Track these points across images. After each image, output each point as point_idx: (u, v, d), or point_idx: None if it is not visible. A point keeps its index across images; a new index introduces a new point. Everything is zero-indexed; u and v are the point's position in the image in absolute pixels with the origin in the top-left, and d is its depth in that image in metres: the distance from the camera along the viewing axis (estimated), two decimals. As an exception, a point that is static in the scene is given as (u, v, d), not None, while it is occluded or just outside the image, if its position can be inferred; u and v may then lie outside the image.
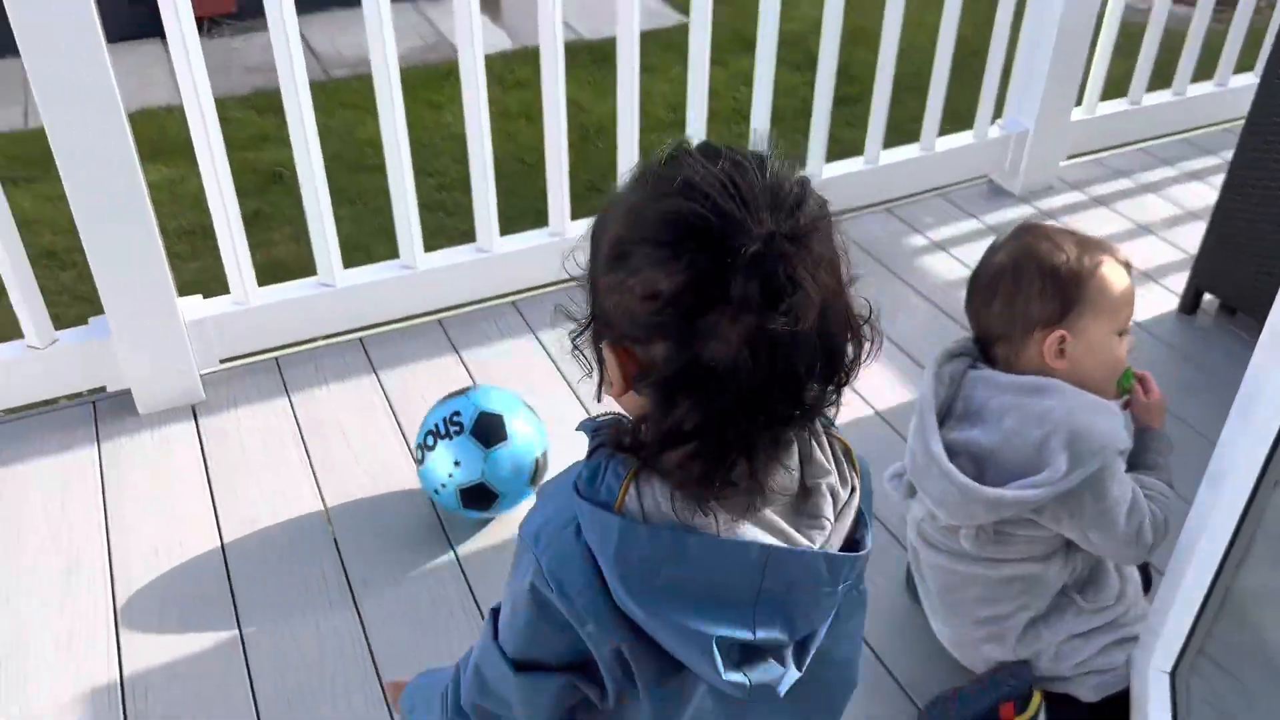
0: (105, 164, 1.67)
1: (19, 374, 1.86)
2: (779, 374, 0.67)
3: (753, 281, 0.64)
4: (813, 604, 0.75)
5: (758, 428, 0.70)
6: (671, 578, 0.71)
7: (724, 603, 0.72)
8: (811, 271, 0.66)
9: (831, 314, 0.69)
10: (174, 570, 1.64)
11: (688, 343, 0.67)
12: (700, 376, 0.67)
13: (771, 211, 0.66)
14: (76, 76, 1.58)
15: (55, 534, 1.69)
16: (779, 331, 0.65)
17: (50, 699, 1.44)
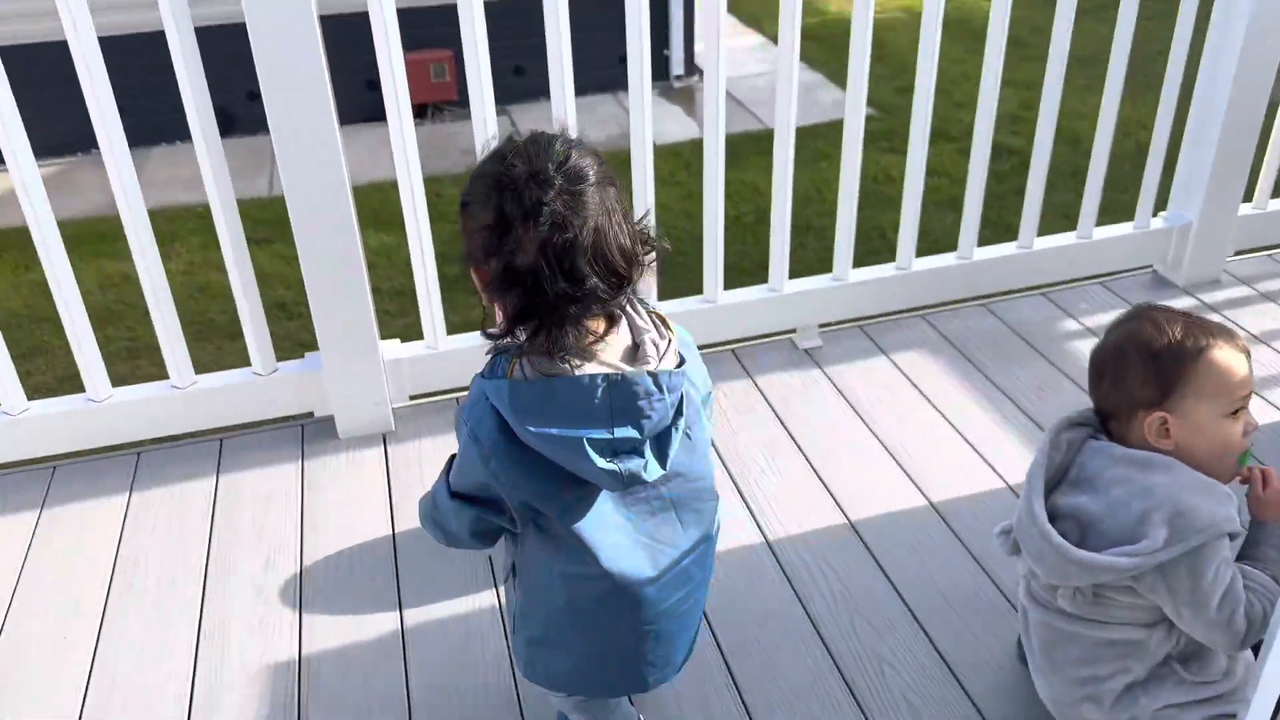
0: (331, 229, 1.99)
1: (245, 396, 2.19)
2: (566, 271, 1.06)
3: (536, 214, 1.04)
4: (650, 408, 1.12)
5: (565, 306, 1.07)
6: (549, 409, 1.10)
7: (589, 417, 1.10)
8: (579, 207, 1.06)
9: (602, 234, 1.08)
10: (353, 571, 1.89)
11: (505, 255, 1.07)
12: (517, 276, 1.07)
13: (557, 169, 1.06)
14: (313, 154, 1.91)
15: (260, 532, 1.99)
16: (558, 242, 1.05)
17: (241, 672, 1.70)
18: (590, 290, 1.08)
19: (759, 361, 2.45)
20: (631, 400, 1.11)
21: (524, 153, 1.08)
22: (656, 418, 1.13)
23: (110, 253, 5.06)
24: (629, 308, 1.18)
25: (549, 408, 1.10)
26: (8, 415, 2.09)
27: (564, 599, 1.26)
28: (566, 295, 1.07)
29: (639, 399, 1.11)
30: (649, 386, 1.12)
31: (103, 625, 1.79)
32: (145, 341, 4.13)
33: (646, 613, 1.27)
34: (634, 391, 1.11)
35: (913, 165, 2.38)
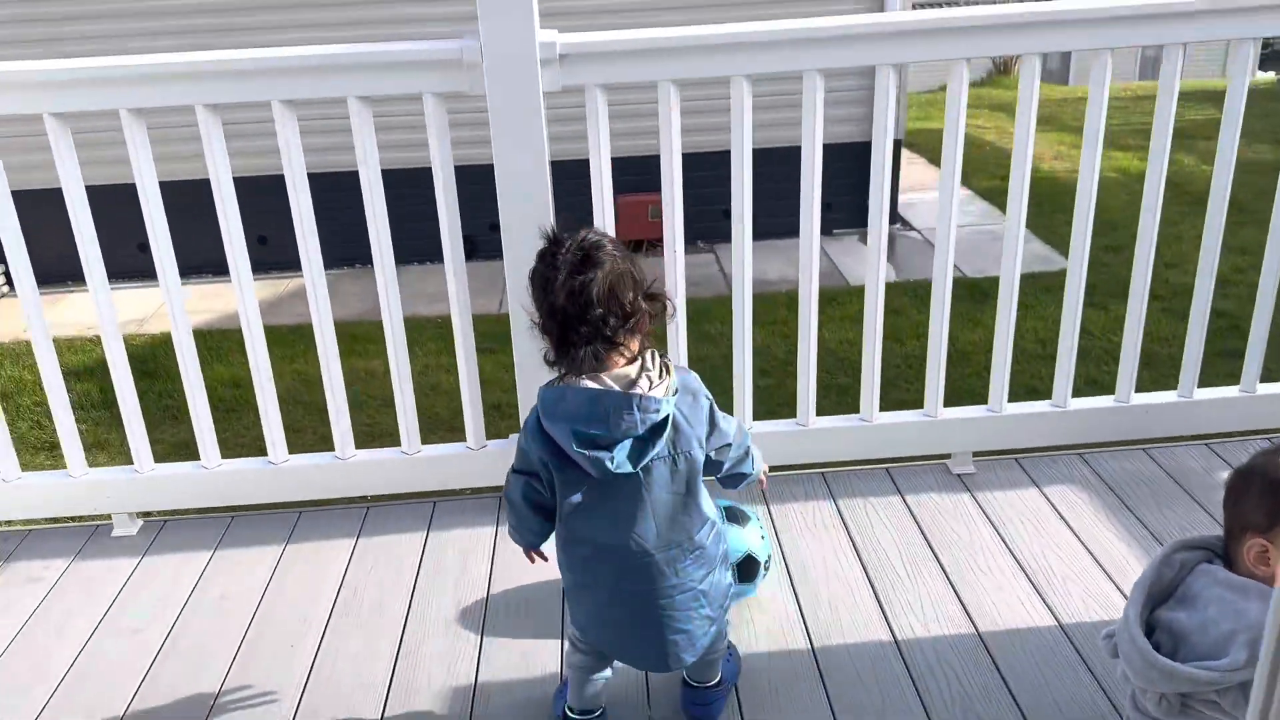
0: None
1: (457, 466, 2.60)
2: (588, 316, 1.49)
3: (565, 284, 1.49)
4: (619, 419, 1.51)
5: (582, 341, 1.50)
6: (559, 408, 1.54)
7: (582, 418, 1.52)
8: (590, 267, 1.49)
9: (613, 293, 1.50)
10: (528, 617, 2.20)
11: (544, 305, 1.52)
12: (551, 319, 1.52)
13: (576, 247, 1.51)
14: (533, 243, 2.33)
15: (456, 579, 2.35)
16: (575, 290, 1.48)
17: (427, 688, 2.03)
18: (597, 326, 1.50)
19: (911, 481, 2.64)
20: (610, 412, 1.51)
21: (558, 239, 1.55)
22: (624, 426, 1.52)
23: (361, 352, 5.81)
24: (644, 356, 1.57)
25: (559, 407, 1.54)
26: (272, 464, 2.58)
27: (565, 561, 1.72)
28: (581, 334, 1.50)
29: (611, 411, 1.51)
30: (620, 403, 1.51)
31: (323, 639, 2.18)
32: (382, 429, 4.73)
33: (619, 583, 1.67)
34: (609, 404, 1.51)
35: (1068, 311, 2.55)
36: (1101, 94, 2.34)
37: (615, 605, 1.71)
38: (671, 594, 1.67)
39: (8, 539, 2.59)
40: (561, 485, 1.61)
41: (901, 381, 5.12)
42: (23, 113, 2.18)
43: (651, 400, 1.52)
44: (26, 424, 5.18)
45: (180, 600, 2.32)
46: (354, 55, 2.17)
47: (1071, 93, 13.80)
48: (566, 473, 1.59)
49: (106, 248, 2.35)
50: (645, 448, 1.55)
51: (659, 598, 1.67)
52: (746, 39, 2.20)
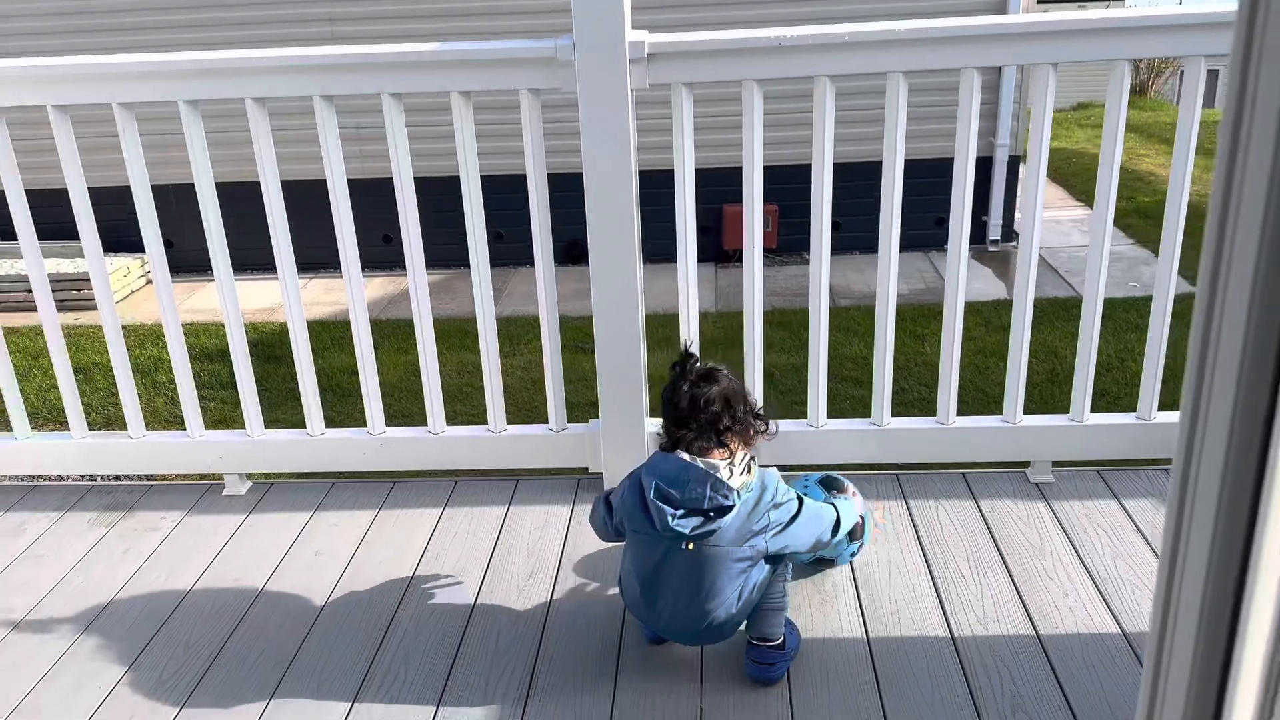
0: (623, 338, 2.51)
1: (539, 446, 2.72)
2: (699, 417, 1.89)
3: (687, 392, 1.90)
4: (697, 491, 1.84)
5: (691, 435, 1.88)
6: (658, 466, 1.89)
7: (667, 478, 1.86)
8: (707, 390, 1.90)
9: (726, 401, 1.90)
10: (594, 593, 2.30)
11: (670, 408, 1.92)
12: (674, 418, 1.91)
13: (695, 377, 1.92)
14: (618, 289, 2.45)
15: (530, 550, 2.46)
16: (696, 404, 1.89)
17: (496, 643, 2.14)
18: (703, 426, 1.90)
19: (987, 487, 2.63)
20: (688, 478, 1.85)
21: (682, 362, 1.97)
22: (694, 495, 1.84)
23: (470, 347, 6.05)
24: (738, 456, 1.91)
25: (657, 465, 1.91)
26: (370, 435, 2.75)
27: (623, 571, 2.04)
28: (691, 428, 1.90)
29: (691, 480, 1.85)
30: (699, 476, 1.85)
31: (403, 599, 2.32)
32: (484, 420, 4.93)
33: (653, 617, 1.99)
34: (691, 474, 1.85)
35: (1155, 314, 2.51)
36: (1194, 103, 2.30)
37: (652, 621, 2.01)
38: (701, 637, 2.01)
39: (132, 491, 2.84)
40: (631, 539, 1.98)
41: (992, 399, 5.04)
42: (157, 99, 2.41)
43: (724, 485, 1.84)
44: (162, 400, 5.58)
45: (280, 554, 2.51)
46: (456, 52, 2.32)
47: (1209, 115, 13.21)
48: (637, 527, 1.94)
49: (252, 240, 2.57)
50: (705, 523, 1.84)
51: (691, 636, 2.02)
52: (830, 40, 2.26)
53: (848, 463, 2.69)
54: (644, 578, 1.94)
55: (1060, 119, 13.25)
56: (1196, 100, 2.30)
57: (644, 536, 1.92)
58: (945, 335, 2.57)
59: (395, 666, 2.10)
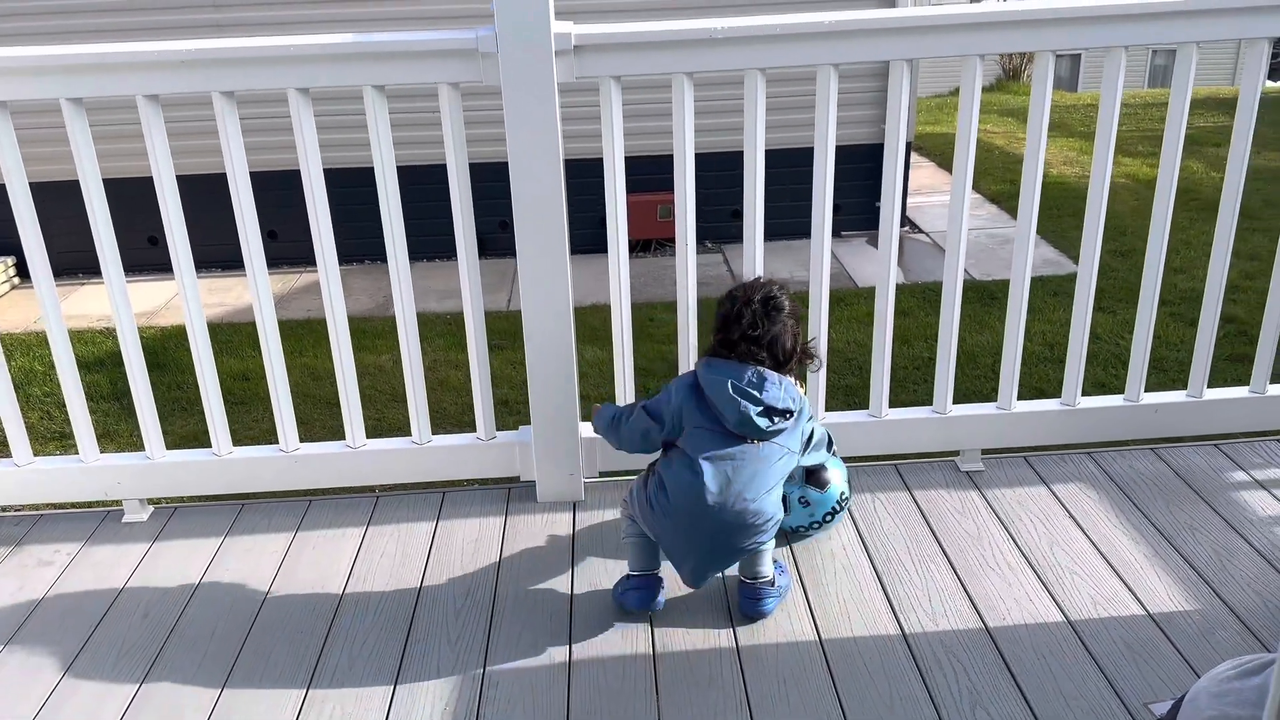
0: (553, 337, 2.41)
1: (467, 456, 2.61)
2: (758, 338, 2.05)
3: (747, 307, 2.05)
4: (766, 386, 2.02)
5: (746, 347, 2.05)
6: (726, 369, 2.03)
7: (740, 378, 2.01)
8: (769, 317, 2.05)
9: (777, 340, 2.06)
10: (535, 610, 2.20)
11: (725, 328, 2.08)
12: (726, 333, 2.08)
13: (760, 301, 2.06)
14: (546, 276, 2.35)
15: (465, 569, 2.35)
16: (755, 327, 2.05)
17: (437, 674, 2.03)
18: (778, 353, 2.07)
19: (920, 478, 2.64)
20: (763, 377, 2.02)
21: (745, 288, 2.09)
22: (769, 392, 2.02)
23: (370, 347, 5.83)
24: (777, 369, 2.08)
25: (724, 368, 2.04)
26: (283, 452, 2.59)
27: (655, 486, 2.09)
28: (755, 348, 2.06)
29: (766, 379, 2.02)
30: (771, 377, 2.03)
31: (330, 628, 2.18)
32: (391, 423, 4.74)
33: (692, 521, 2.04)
34: (764, 374, 2.02)
35: (1078, 307, 2.55)
36: (1114, 93, 2.34)
37: (680, 532, 2.06)
38: (740, 536, 2.06)
39: (19, 523, 2.61)
40: (691, 433, 2.05)
41: (910, 383, 5.12)
42: (38, 98, 2.19)
43: (794, 388, 2.06)
44: (37, 414, 5.20)
45: (190, 586, 2.33)
46: (370, 44, 2.18)
47: (1079, 99, 13.78)
48: (700, 424, 2.05)
49: (119, 241, 2.36)
50: (773, 420, 2.02)
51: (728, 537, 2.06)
52: (761, 32, 2.20)
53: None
54: (699, 471, 2.01)
55: (940, 104, 13.62)
56: (1046, 89, 2.35)
57: (707, 433, 2.03)
58: (876, 331, 2.56)
59: (329, 705, 1.97)
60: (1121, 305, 5.88)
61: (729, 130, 4.89)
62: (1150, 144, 9.98)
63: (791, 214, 5.93)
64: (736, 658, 2.04)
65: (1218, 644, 2.03)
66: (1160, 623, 2.10)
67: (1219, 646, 2.02)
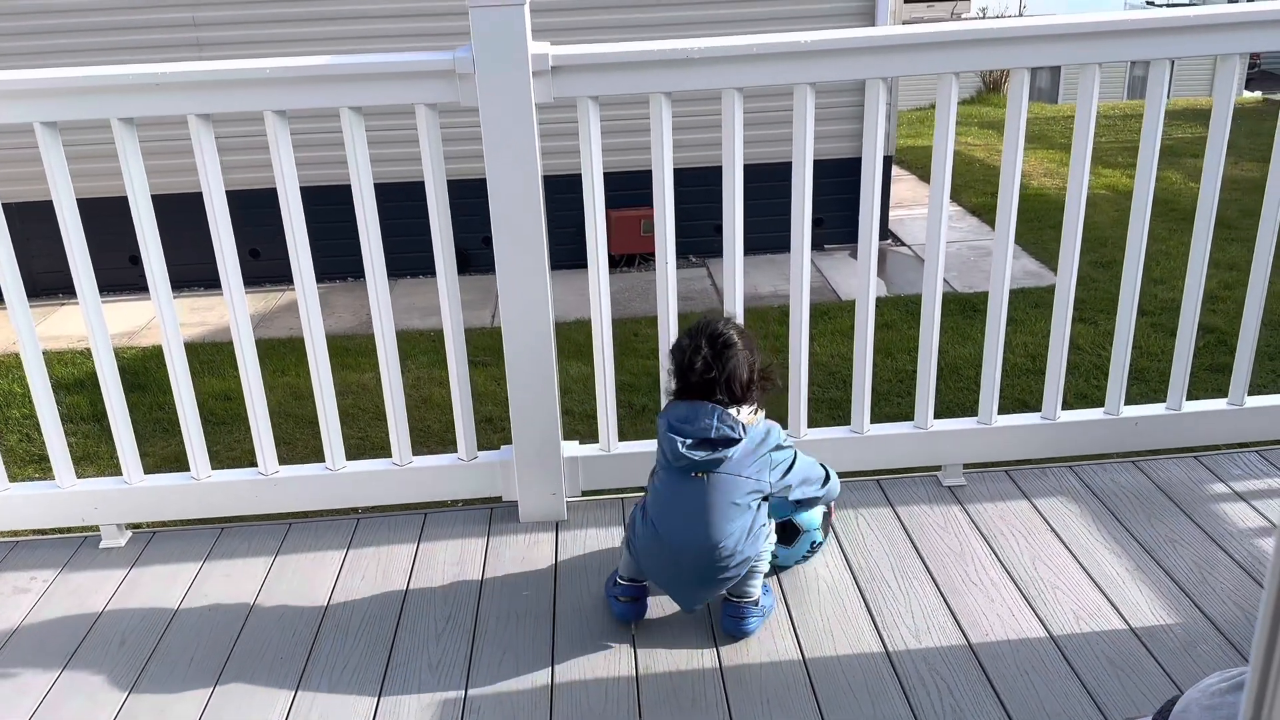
0: (533, 355, 2.40)
1: (449, 477, 2.59)
2: (712, 380, 2.03)
3: (697, 354, 2.03)
4: (705, 423, 2.01)
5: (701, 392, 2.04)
6: (671, 411, 2.07)
7: (679, 418, 2.03)
8: (720, 356, 2.03)
9: (733, 371, 2.03)
10: (518, 632, 2.19)
11: (679, 378, 2.07)
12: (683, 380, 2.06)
13: (709, 342, 2.04)
14: (526, 295, 2.34)
15: (447, 591, 2.33)
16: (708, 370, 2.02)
17: (418, 699, 2.02)
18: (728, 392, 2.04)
19: (902, 493, 2.64)
20: (697, 414, 2.02)
21: (692, 333, 2.07)
22: (702, 425, 2.01)
23: (352, 365, 5.80)
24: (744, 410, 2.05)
25: (670, 410, 2.06)
26: (262, 475, 2.57)
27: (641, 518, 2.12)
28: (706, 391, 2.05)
29: (699, 415, 2.01)
30: (706, 413, 2.02)
31: (311, 651, 2.17)
32: (373, 442, 4.72)
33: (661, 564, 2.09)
34: (699, 411, 2.02)
35: (1057, 321, 2.56)
36: (1090, 106, 2.36)
37: (664, 562, 2.09)
38: (709, 572, 2.06)
39: (-6, 550, 2.58)
40: (658, 468, 2.12)
41: (893, 396, 5.13)
42: (13, 122, 2.18)
43: (729, 416, 2.01)
44: (15, 437, 5.15)
45: (168, 612, 2.31)
46: (347, 66, 2.17)
47: (1059, 111, 13.90)
48: (658, 466, 2.11)
49: (97, 260, 2.35)
50: (714, 451, 2.00)
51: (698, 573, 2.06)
52: (737, 52, 2.21)
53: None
54: (660, 510, 2.07)
55: (922, 117, 13.71)
56: (1022, 108, 2.37)
57: (662, 474, 2.09)
58: (857, 347, 2.56)
59: (311, 729, 1.95)
60: (1102, 316, 5.92)
61: (710, 145, 4.91)
62: (1129, 155, 10.06)
63: (773, 228, 5.94)
64: (720, 678, 2.03)
65: (1199, 657, 2.03)
66: (1142, 637, 2.10)
67: (1200, 660, 2.02)
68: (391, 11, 7.24)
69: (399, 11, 7.24)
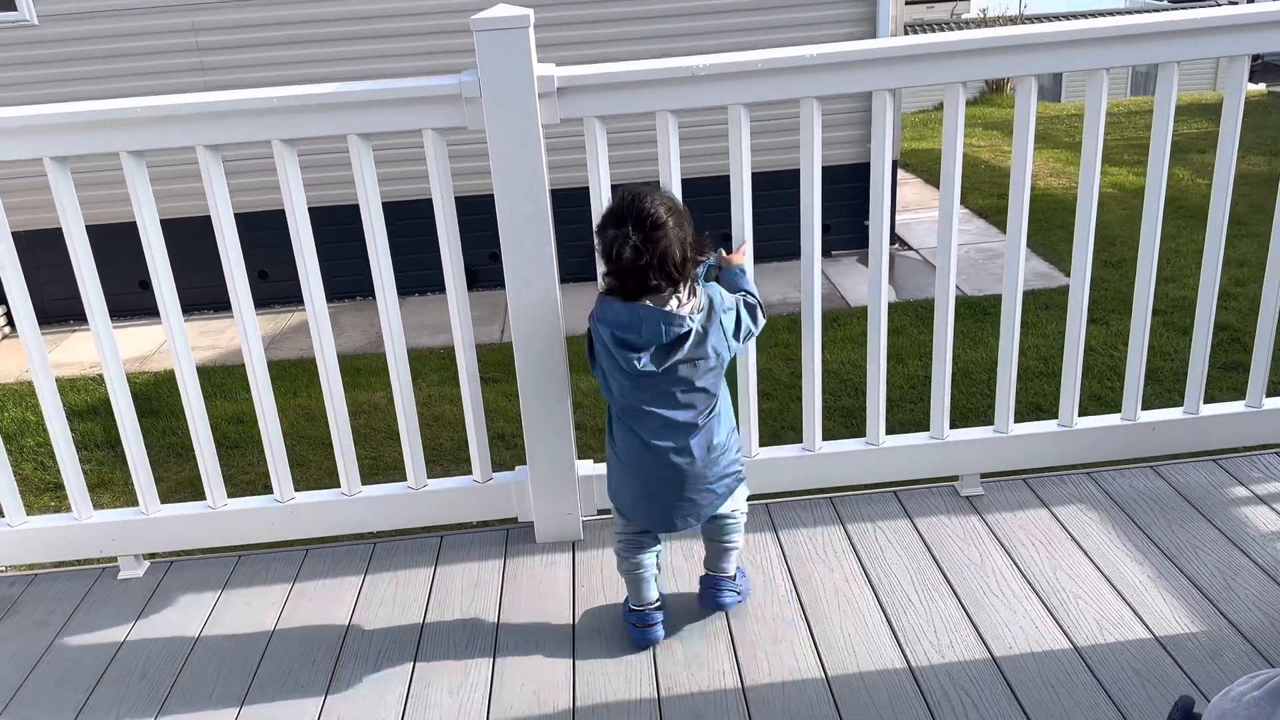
0: (546, 370, 2.40)
1: (464, 500, 2.59)
2: (645, 266, 1.87)
3: (625, 243, 1.85)
4: (652, 330, 1.90)
5: (635, 280, 1.89)
6: (607, 314, 1.94)
7: (620, 325, 1.92)
8: (650, 238, 1.86)
9: (667, 254, 1.87)
10: (538, 652, 2.18)
11: (609, 263, 1.90)
12: (616, 274, 1.91)
13: (635, 222, 1.86)
14: (536, 309, 2.34)
15: (465, 613, 2.33)
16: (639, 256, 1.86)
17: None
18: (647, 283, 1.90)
19: (920, 504, 2.63)
20: (640, 320, 1.90)
21: (615, 214, 1.90)
22: (651, 338, 1.90)
23: (364, 385, 5.81)
24: (676, 284, 1.92)
25: (604, 313, 1.95)
26: (278, 502, 2.57)
27: (612, 450, 2.12)
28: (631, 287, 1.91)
29: (644, 321, 1.90)
30: (652, 316, 1.89)
31: (332, 679, 2.16)
32: (385, 461, 4.72)
33: (652, 462, 2.03)
34: (642, 316, 1.90)
35: (1071, 329, 2.54)
36: (1098, 114, 2.35)
37: (638, 475, 2.07)
38: (686, 469, 2.04)
39: (14, 583, 2.58)
40: (608, 374, 2.02)
41: (905, 402, 5.11)
42: (23, 158, 2.19)
43: (676, 317, 1.90)
44: (30, 465, 5.17)
45: (188, 642, 2.31)
46: (353, 93, 2.18)
47: (1063, 109, 13.86)
48: (611, 370, 2.00)
49: (107, 286, 2.35)
50: (669, 354, 1.92)
51: (676, 472, 2.04)
52: (743, 68, 2.21)
53: (783, 490, 2.64)
54: (634, 417, 2.02)
55: (925, 119, 13.69)
56: (1029, 116, 2.35)
57: (622, 377, 1.99)
58: (870, 361, 2.55)
59: (333, 759, 1.94)
60: (1114, 316, 5.89)
61: (715, 155, 4.90)
62: (1135, 152, 10.02)
63: (781, 235, 5.93)
64: (743, 699, 2.02)
65: (1226, 665, 2.01)
66: (1167, 646, 2.08)
67: (1227, 668, 2.00)
68: (395, 31, 7.27)
69: (402, 31, 7.27)
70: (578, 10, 7.25)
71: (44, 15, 7.11)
